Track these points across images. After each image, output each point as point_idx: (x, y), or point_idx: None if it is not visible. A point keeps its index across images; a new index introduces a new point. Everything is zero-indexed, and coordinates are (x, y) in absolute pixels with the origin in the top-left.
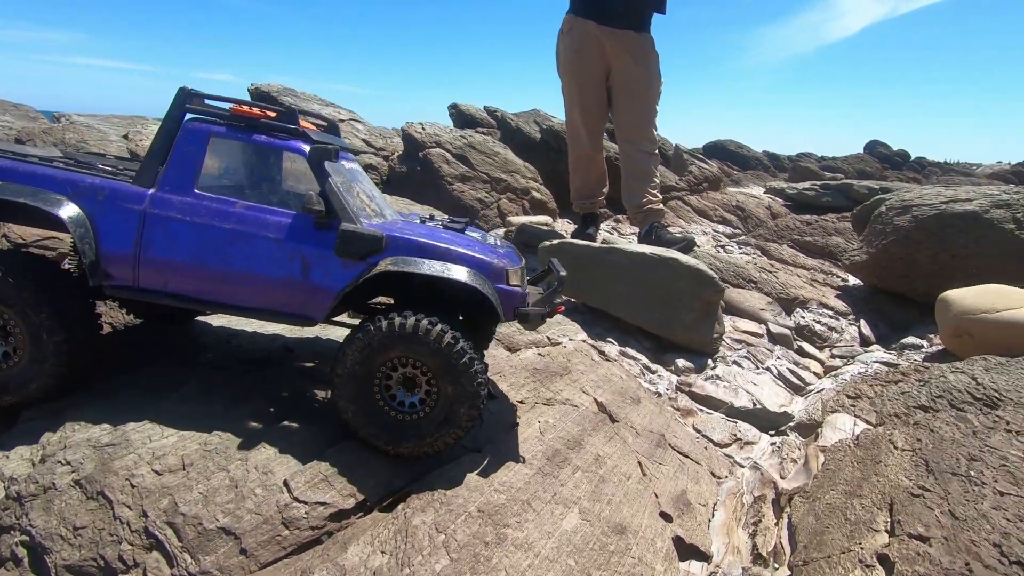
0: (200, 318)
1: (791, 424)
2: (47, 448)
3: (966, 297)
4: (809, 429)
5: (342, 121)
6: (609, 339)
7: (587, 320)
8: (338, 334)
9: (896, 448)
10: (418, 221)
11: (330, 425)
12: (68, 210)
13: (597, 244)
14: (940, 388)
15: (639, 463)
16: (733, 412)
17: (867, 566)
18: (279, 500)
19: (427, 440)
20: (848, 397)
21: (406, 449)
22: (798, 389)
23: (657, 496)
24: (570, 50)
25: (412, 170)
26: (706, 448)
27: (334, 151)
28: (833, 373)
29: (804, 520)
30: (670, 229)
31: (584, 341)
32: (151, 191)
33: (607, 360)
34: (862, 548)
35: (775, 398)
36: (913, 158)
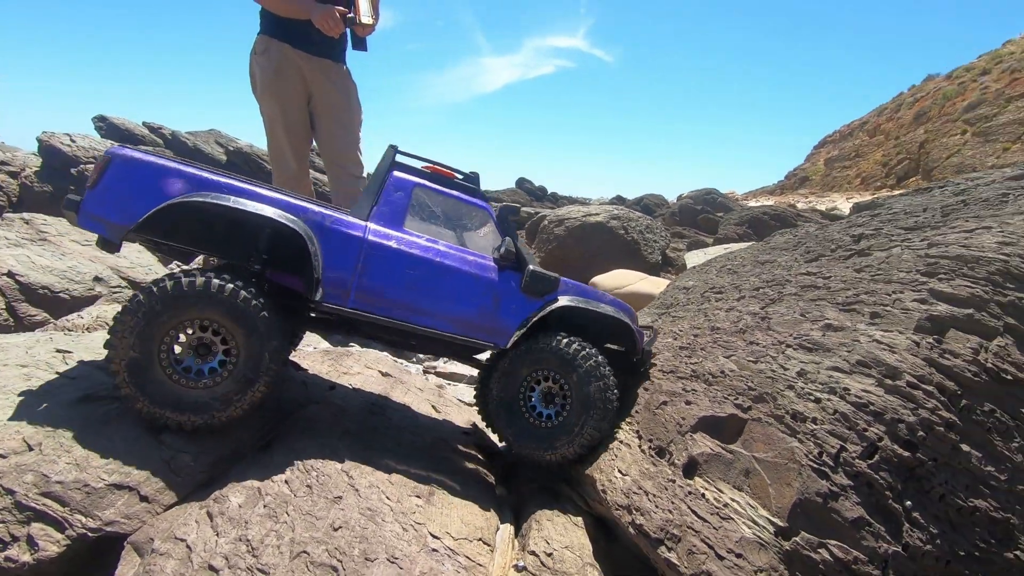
0: None
1: None
2: None
3: (606, 280)
4: None
5: None
6: (351, 345)
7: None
8: None
9: None
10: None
11: None
12: (305, 229)
13: None
14: None
15: (432, 406)
16: (474, 380)
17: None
18: (161, 455)
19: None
20: None
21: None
22: None
23: (454, 422)
24: (268, 71)
25: (61, 189)
26: (466, 405)
27: (517, 209)
28: None
29: None
30: None
31: (327, 349)
32: (367, 224)
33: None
34: None
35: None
36: (549, 192)
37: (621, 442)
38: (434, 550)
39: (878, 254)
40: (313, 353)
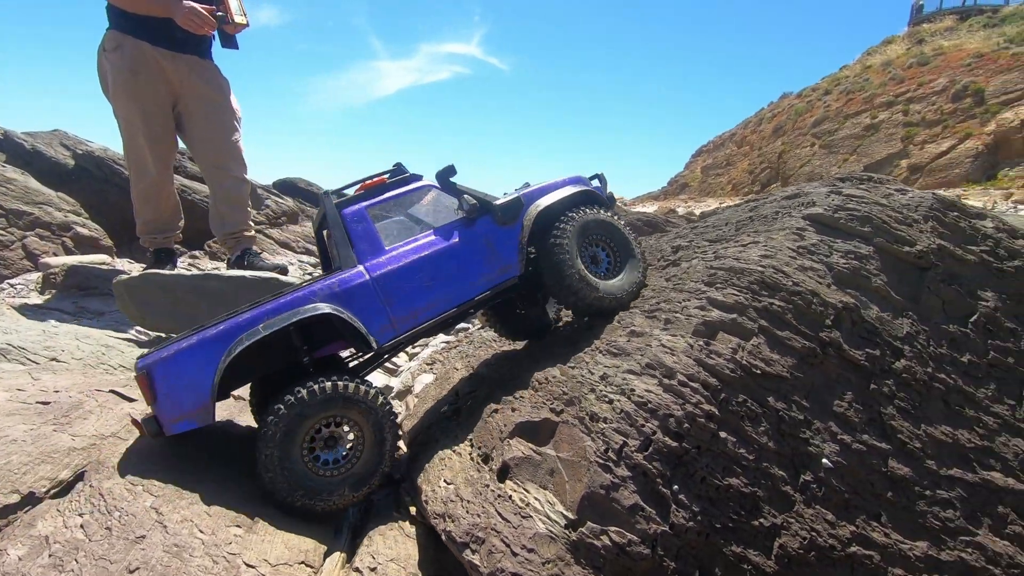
0: None
1: (392, 394)
2: None
3: None
4: (405, 393)
5: None
6: None
7: None
8: None
9: (458, 369)
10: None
11: None
12: (332, 307)
13: (190, 272)
14: (480, 341)
15: None
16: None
17: (450, 417)
18: None
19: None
20: (427, 364)
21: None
22: (393, 372)
23: None
24: (123, 70)
25: None
26: None
27: (451, 168)
28: (415, 356)
29: (412, 423)
30: (263, 256)
31: None
32: (361, 267)
33: None
34: (444, 409)
35: (378, 381)
36: None
37: (454, 451)
38: None
39: (684, 264)
40: None
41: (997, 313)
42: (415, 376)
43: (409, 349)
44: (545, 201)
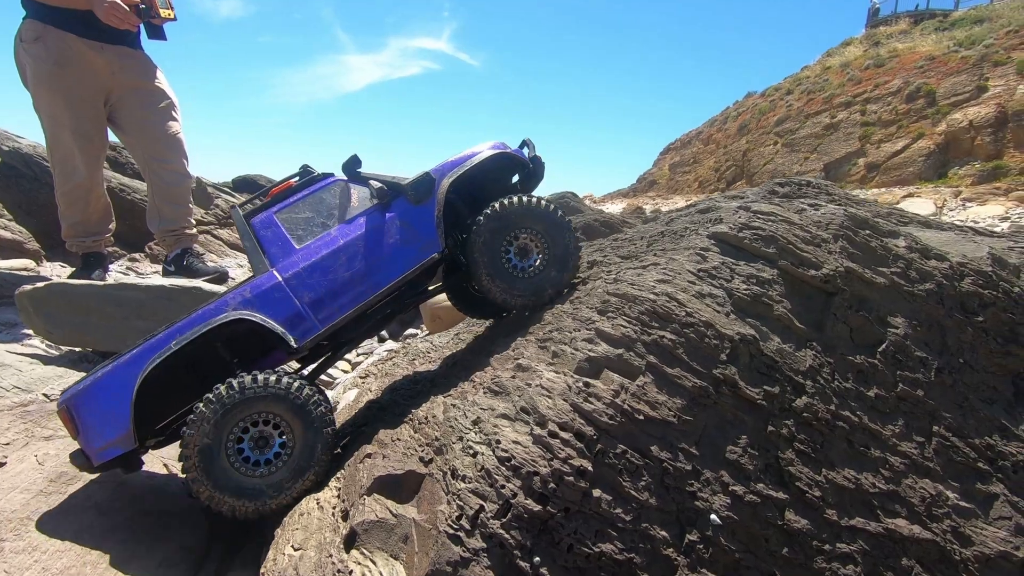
0: None
1: None
2: None
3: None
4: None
5: None
6: None
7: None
8: None
9: (371, 392)
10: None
11: None
12: (243, 313)
13: (103, 283)
14: (414, 352)
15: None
16: None
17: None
18: None
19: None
20: (361, 378)
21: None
22: (328, 384)
23: (154, 472)
24: (48, 63)
25: None
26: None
27: (355, 158)
28: (357, 366)
29: None
30: (204, 258)
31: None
32: (272, 270)
33: None
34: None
35: None
36: None
37: (319, 503)
38: None
39: (589, 285)
40: (4, 412)
41: (907, 341)
42: (344, 391)
43: (352, 357)
44: (456, 174)
